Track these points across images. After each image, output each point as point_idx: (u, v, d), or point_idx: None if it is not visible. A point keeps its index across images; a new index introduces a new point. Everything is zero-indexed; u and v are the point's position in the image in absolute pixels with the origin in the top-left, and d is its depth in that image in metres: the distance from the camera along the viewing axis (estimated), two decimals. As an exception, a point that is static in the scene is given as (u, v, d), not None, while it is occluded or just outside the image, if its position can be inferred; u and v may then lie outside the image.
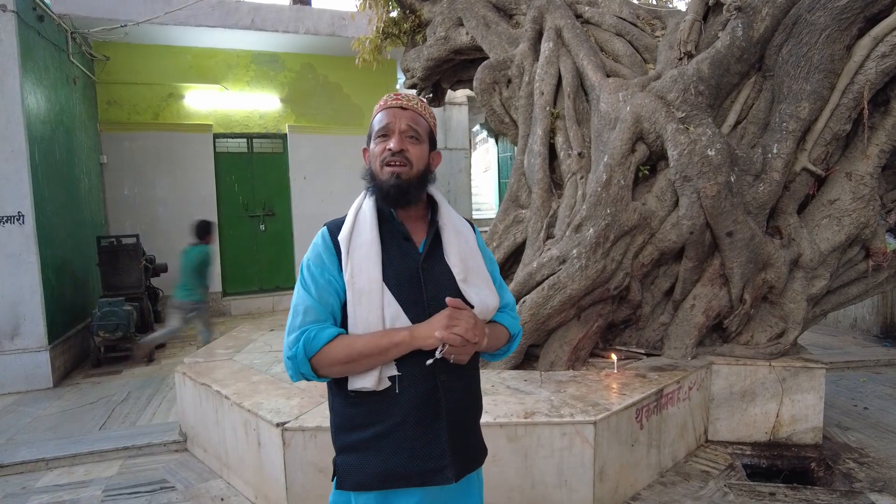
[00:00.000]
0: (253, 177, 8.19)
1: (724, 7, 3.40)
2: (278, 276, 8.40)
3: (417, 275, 1.38)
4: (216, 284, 7.89)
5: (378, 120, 1.40)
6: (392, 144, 1.35)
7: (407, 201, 1.38)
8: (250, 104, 7.97)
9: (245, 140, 8.11)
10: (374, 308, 1.32)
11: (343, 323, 1.37)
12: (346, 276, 1.34)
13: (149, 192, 7.49)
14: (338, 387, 1.38)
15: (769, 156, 3.38)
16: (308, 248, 1.43)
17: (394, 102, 1.40)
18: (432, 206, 1.47)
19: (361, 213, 1.40)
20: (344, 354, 1.30)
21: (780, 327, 3.62)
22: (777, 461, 3.42)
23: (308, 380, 1.35)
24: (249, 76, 7.94)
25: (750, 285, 3.48)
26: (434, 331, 1.28)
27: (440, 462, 1.35)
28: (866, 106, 3.22)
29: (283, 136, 8.25)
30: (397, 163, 1.35)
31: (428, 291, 1.37)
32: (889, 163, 3.58)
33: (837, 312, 6.11)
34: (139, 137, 7.41)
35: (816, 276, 3.55)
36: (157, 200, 7.53)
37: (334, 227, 1.42)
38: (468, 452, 1.44)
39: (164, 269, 6.61)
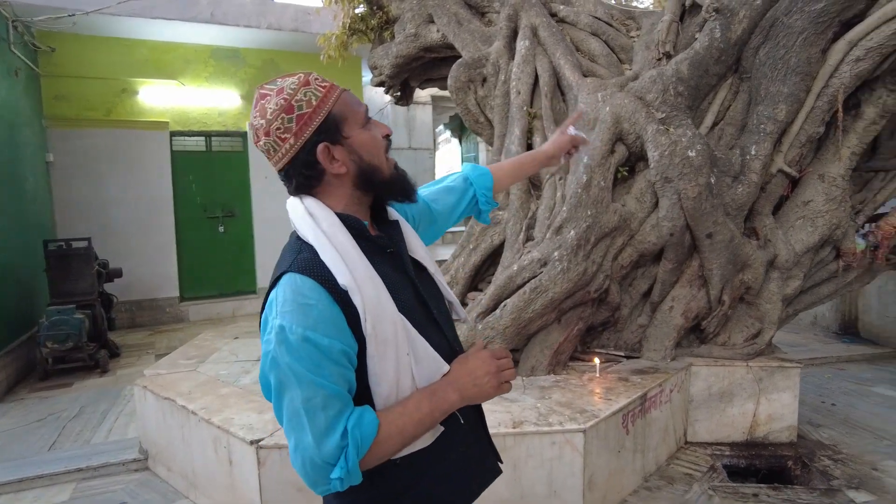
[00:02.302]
0: (212, 177, 7.86)
1: (703, 8, 3.40)
2: (239, 280, 8.10)
3: (417, 290, 1.18)
4: (173, 289, 7.55)
5: (352, 103, 1.12)
6: (388, 130, 1.17)
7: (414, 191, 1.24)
8: (209, 101, 7.65)
9: (204, 138, 7.79)
10: (400, 356, 1.06)
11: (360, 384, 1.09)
12: (368, 329, 1.02)
13: (101, 193, 7.09)
14: None
15: (747, 157, 3.39)
16: (282, 310, 1.00)
17: (340, 85, 1.16)
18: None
19: (336, 240, 1.06)
20: (396, 446, 1.05)
21: (757, 327, 3.64)
22: (755, 461, 3.43)
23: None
24: (208, 72, 7.62)
25: (728, 286, 3.49)
26: (482, 384, 1.11)
27: (490, 458, 1.30)
28: (841, 108, 3.26)
29: (244, 135, 7.96)
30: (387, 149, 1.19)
31: (431, 302, 1.20)
32: (856, 165, 3.65)
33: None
34: (90, 135, 7.00)
35: (791, 277, 3.58)
36: (110, 201, 7.13)
37: (320, 272, 1.03)
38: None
39: (119, 273, 6.27)
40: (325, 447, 0.96)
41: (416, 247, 1.25)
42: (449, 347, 1.20)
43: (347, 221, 1.10)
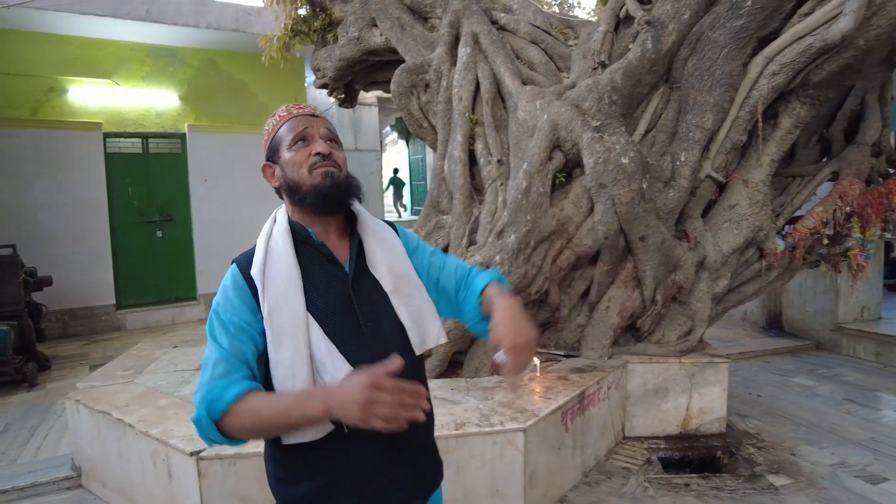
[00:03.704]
0: (149, 179, 7.60)
1: (636, 21, 3.55)
2: (178, 286, 7.86)
3: (349, 299, 1.25)
4: (109, 296, 7.25)
5: (289, 128, 1.29)
6: (320, 148, 1.26)
7: (346, 202, 1.29)
8: (146, 101, 7.39)
9: (140, 140, 7.51)
10: (298, 348, 1.17)
11: (266, 370, 1.21)
12: (265, 314, 1.19)
13: (27, 197, 6.71)
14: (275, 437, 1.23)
15: (677, 163, 3.56)
16: (219, 286, 1.26)
17: (301, 111, 1.32)
18: (349, 218, 1.36)
19: (273, 241, 1.26)
20: (251, 423, 1.12)
21: (688, 325, 3.83)
22: (688, 452, 3.61)
23: (221, 444, 1.16)
24: (145, 71, 7.36)
25: (661, 286, 3.65)
26: (347, 409, 1.04)
27: (406, 492, 1.28)
28: (760, 119, 3.47)
29: (182, 136, 7.74)
30: (328, 164, 1.26)
31: (363, 314, 1.25)
32: (776, 171, 3.90)
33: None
34: (13, 135, 6.62)
35: (720, 277, 3.78)
36: (38, 206, 6.77)
37: (245, 262, 1.25)
38: (428, 475, 1.37)
39: (49, 282, 5.96)
40: (198, 394, 1.14)
41: (380, 265, 1.31)
42: (371, 363, 1.19)
43: (294, 227, 1.29)
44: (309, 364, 1.17)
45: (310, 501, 1.23)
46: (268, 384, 1.22)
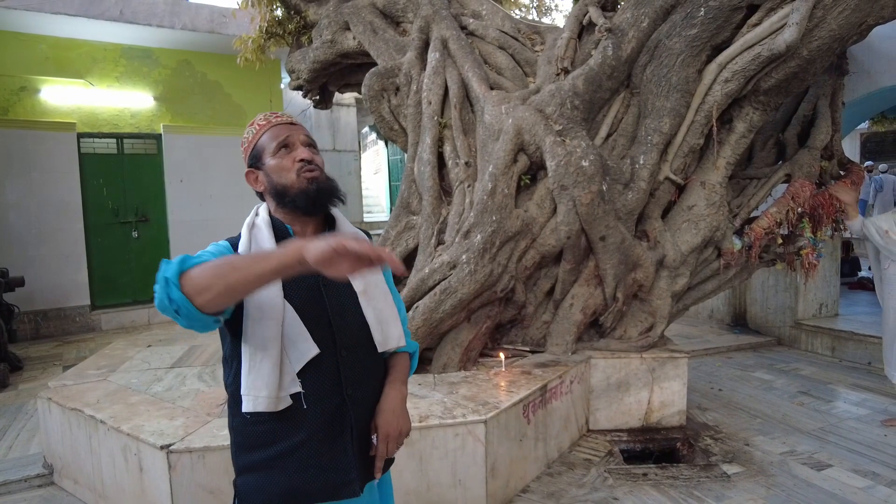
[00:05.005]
0: (124, 180, 7.57)
1: (596, 28, 3.68)
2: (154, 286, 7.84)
3: (319, 290, 1.38)
4: (83, 297, 7.22)
5: (271, 136, 1.41)
6: (304, 154, 1.39)
7: (331, 203, 1.43)
8: (120, 102, 7.37)
9: (115, 140, 7.48)
10: (272, 323, 1.28)
11: (235, 338, 1.33)
12: None
13: (-3, 197, 6.69)
14: (237, 406, 1.33)
15: (636, 166, 3.70)
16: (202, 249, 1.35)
17: (280, 119, 1.45)
18: (327, 220, 1.49)
19: (257, 229, 1.38)
20: (216, 266, 1.13)
21: (649, 322, 3.97)
22: (649, 444, 3.75)
23: (178, 311, 1.13)
24: (119, 71, 7.34)
25: (622, 285, 3.79)
26: (325, 244, 1.05)
27: (347, 475, 1.37)
28: (715, 123, 3.62)
29: (158, 137, 7.73)
30: (313, 169, 1.39)
31: (331, 307, 1.40)
32: (733, 173, 4.06)
33: (697, 305, 6.80)
34: (-16, 135, 6.59)
35: (679, 275, 3.93)
36: (9, 206, 6.73)
37: (234, 241, 1.40)
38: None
39: (21, 282, 5.94)
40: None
41: None
42: (334, 351, 1.36)
43: (274, 223, 1.41)
44: (280, 340, 1.28)
45: (261, 468, 1.34)
46: (236, 360, 1.32)
